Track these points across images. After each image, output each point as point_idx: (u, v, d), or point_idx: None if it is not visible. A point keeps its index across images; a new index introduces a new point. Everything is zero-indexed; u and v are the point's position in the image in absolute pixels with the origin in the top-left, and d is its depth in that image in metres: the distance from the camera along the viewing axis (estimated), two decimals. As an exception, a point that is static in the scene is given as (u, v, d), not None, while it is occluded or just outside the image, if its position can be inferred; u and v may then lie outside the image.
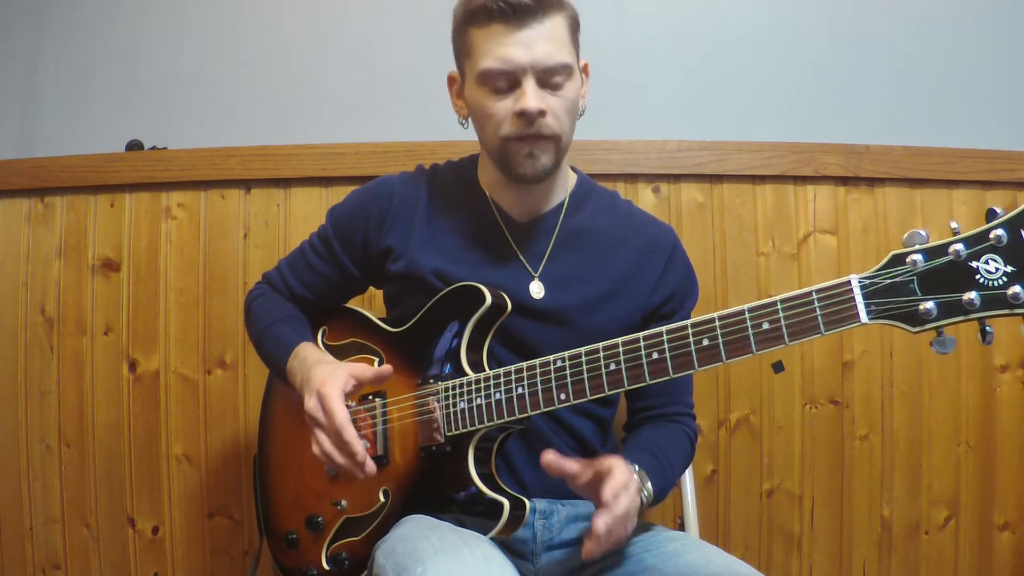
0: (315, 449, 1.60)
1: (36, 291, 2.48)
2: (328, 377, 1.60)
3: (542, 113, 1.56)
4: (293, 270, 1.89)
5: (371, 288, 1.95)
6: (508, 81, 1.57)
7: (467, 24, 1.61)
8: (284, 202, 2.45)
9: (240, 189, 2.46)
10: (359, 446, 1.55)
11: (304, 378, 1.66)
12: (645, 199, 2.42)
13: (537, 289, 1.69)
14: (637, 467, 1.52)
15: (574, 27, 1.64)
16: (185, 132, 2.57)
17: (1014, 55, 2.55)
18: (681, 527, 2.03)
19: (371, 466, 1.57)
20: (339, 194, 2.33)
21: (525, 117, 1.56)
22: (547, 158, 1.61)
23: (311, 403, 1.59)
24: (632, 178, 2.43)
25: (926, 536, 2.41)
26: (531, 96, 1.55)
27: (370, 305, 2.32)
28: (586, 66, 1.72)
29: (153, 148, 2.52)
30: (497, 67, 1.56)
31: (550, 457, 1.43)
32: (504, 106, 1.59)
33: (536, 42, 1.55)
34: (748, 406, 2.41)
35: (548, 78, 1.57)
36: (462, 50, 1.65)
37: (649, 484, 1.53)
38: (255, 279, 1.99)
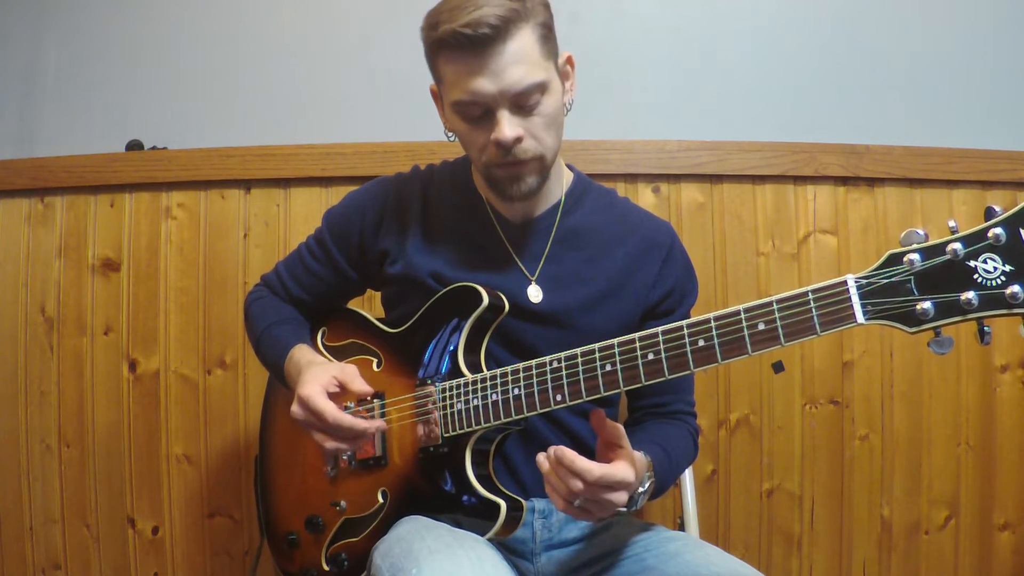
0: (320, 449, 1.62)
1: (36, 291, 2.48)
2: (309, 380, 1.60)
3: (519, 139, 1.54)
4: (290, 273, 1.89)
5: (370, 290, 1.95)
6: (481, 111, 1.55)
7: (434, 54, 1.58)
8: (284, 202, 2.45)
9: (240, 189, 2.46)
10: (360, 423, 1.57)
11: (296, 384, 1.67)
12: (645, 199, 2.41)
13: (535, 292, 1.69)
14: (649, 458, 1.52)
15: (545, 33, 1.58)
16: (185, 132, 2.57)
17: (1014, 55, 2.54)
18: (681, 527, 2.03)
19: (378, 423, 1.60)
20: (339, 194, 2.32)
21: (501, 147, 1.55)
22: (532, 179, 1.60)
23: (295, 409, 1.60)
24: (632, 178, 2.42)
25: (926, 536, 2.41)
26: (504, 126, 1.53)
27: (370, 306, 2.32)
28: (569, 58, 1.67)
29: (153, 148, 2.52)
30: (467, 99, 1.54)
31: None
32: (482, 135, 1.57)
33: (504, 68, 1.50)
34: (748, 406, 2.41)
35: (522, 101, 1.54)
36: (434, 75, 1.64)
37: (649, 484, 1.52)
38: (255, 279, 1.99)
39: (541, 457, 1.39)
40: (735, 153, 2.40)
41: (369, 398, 1.68)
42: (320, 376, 1.61)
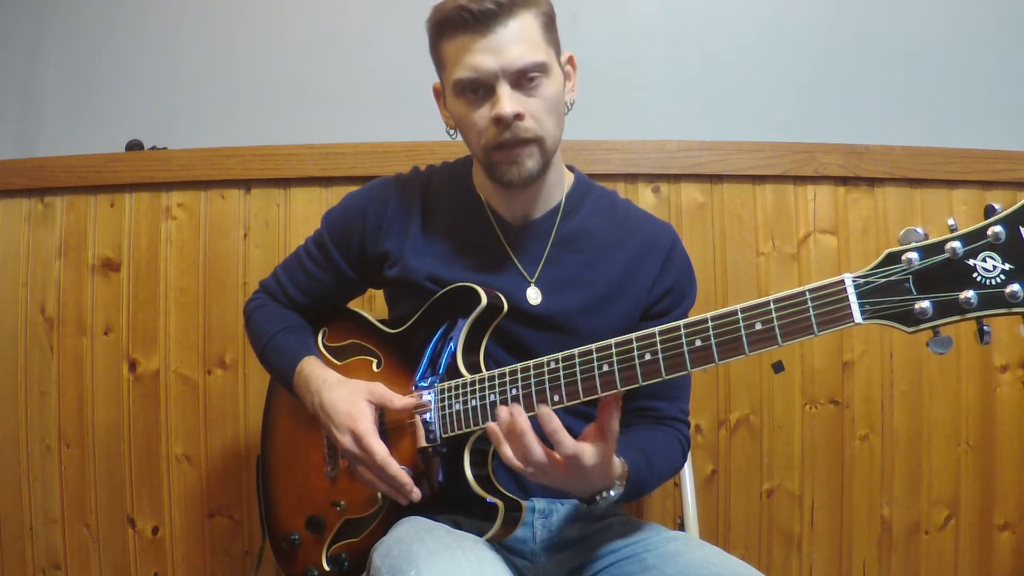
0: (360, 479, 1.63)
1: (36, 291, 2.48)
2: (356, 413, 1.60)
3: (519, 116, 1.55)
4: (290, 277, 1.89)
5: (371, 289, 1.95)
6: (482, 88, 1.57)
7: (438, 38, 1.61)
8: (284, 202, 2.45)
9: (240, 189, 2.46)
10: (404, 477, 1.57)
11: (317, 403, 1.67)
12: (645, 199, 2.41)
13: (534, 295, 1.69)
14: (626, 467, 1.52)
15: (548, 23, 1.62)
16: (185, 132, 2.57)
17: (1014, 55, 2.54)
18: (681, 527, 2.03)
19: (417, 493, 1.58)
20: (339, 194, 2.33)
21: (501, 123, 1.55)
22: (532, 162, 1.59)
23: (346, 441, 1.60)
24: (632, 178, 2.42)
25: (926, 536, 2.41)
26: (505, 101, 1.54)
27: (371, 306, 2.32)
28: (571, 58, 1.71)
29: (153, 148, 2.52)
30: (468, 76, 1.56)
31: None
32: (482, 115, 1.58)
33: (505, 45, 1.53)
34: (748, 406, 2.40)
35: (522, 79, 1.56)
36: (438, 63, 1.66)
37: (617, 491, 1.51)
38: (255, 279, 1.99)
39: (506, 412, 1.43)
40: (735, 153, 2.40)
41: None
42: (364, 410, 1.61)
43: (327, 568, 1.71)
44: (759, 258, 2.42)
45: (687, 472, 2.04)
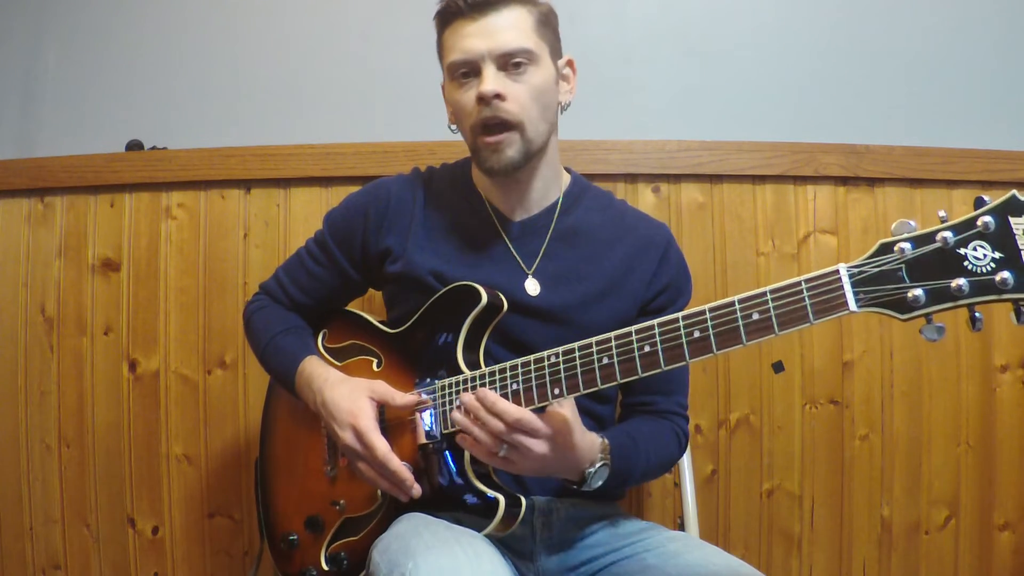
0: (360, 476, 1.63)
1: (36, 291, 2.48)
2: (357, 410, 1.61)
3: (499, 96, 1.59)
4: (292, 278, 1.90)
5: (371, 289, 1.96)
6: (471, 71, 1.63)
7: (441, 29, 1.68)
8: (284, 202, 2.45)
9: (240, 189, 2.46)
10: (405, 472, 1.58)
11: (320, 401, 1.67)
12: (645, 199, 2.41)
13: (532, 286, 1.70)
14: (605, 442, 1.55)
15: (542, 20, 1.67)
16: (185, 132, 2.57)
17: (1013, 55, 2.55)
18: (681, 527, 2.03)
19: (418, 489, 1.59)
20: (339, 194, 2.33)
21: (483, 101, 1.60)
22: (512, 150, 1.63)
23: (348, 437, 1.61)
24: (632, 178, 2.43)
25: (926, 536, 2.40)
26: (488, 80, 1.59)
27: (370, 307, 2.32)
28: (570, 62, 1.76)
29: (153, 148, 2.52)
30: (459, 58, 1.63)
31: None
32: (469, 96, 1.63)
33: (495, 30, 1.60)
34: (748, 406, 2.40)
35: (508, 63, 1.61)
36: (439, 54, 1.72)
37: (600, 466, 1.54)
38: (255, 279, 1.99)
39: (460, 405, 1.49)
40: (735, 153, 2.40)
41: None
42: (365, 406, 1.62)
43: (326, 567, 1.71)
44: (759, 258, 2.42)
45: (687, 472, 2.04)
